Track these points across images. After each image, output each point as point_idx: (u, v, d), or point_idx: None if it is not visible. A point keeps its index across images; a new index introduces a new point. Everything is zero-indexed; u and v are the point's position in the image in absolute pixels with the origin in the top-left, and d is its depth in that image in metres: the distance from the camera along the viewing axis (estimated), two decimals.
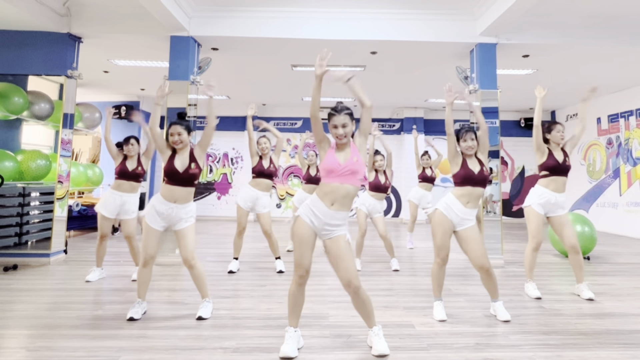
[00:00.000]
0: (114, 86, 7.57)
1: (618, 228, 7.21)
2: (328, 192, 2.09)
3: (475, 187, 2.68)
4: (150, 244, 2.60)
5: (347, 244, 2.13)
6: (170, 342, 2.25)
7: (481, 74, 4.68)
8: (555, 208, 3.22)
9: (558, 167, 3.21)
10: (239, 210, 3.98)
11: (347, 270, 2.07)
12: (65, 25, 4.53)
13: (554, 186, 3.22)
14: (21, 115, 4.67)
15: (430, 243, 5.86)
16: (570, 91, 7.37)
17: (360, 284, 2.10)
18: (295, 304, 2.16)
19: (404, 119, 9.26)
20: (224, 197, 9.32)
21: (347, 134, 2.14)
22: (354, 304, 2.16)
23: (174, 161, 2.64)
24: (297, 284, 2.12)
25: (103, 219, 3.52)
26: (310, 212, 2.11)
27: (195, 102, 4.67)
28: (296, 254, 2.11)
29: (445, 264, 2.71)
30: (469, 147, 2.73)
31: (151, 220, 2.62)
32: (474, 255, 2.62)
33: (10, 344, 2.21)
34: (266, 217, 4.01)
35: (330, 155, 2.13)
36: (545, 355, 2.15)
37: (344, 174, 2.08)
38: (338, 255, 2.09)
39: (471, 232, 2.65)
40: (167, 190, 2.64)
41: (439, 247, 2.68)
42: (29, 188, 4.47)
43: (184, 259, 2.64)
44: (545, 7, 4.34)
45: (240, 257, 4.33)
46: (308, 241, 2.10)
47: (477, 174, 2.69)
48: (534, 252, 3.25)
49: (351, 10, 4.69)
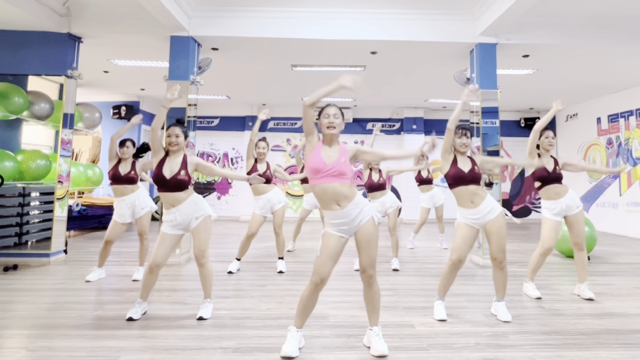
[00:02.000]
0: (114, 86, 7.56)
1: (618, 228, 7.20)
2: (318, 194, 2.11)
3: (468, 186, 2.68)
4: (160, 250, 2.58)
5: (375, 229, 2.14)
6: (170, 342, 2.25)
7: (481, 74, 4.68)
8: (570, 209, 3.20)
9: (548, 177, 3.19)
10: (254, 216, 3.96)
11: (369, 256, 2.11)
12: (65, 25, 4.53)
13: (554, 193, 3.21)
14: (21, 115, 4.67)
15: (431, 243, 5.87)
16: (570, 91, 7.37)
17: (375, 274, 2.14)
18: (306, 308, 2.14)
19: (404, 119, 9.26)
20: (224, 197, 9.32)
21: (338, 125, 2.16)
22: (365, 296, 2.18)
23: (163, 167, 2.62)
24: (312, 290, 2.10)
25: (116, 225, 3.51)
26: (334, 226, 2.11)
27: (195, 102, 4.67)
28: (318, 261, 2.10)
29: (457, 267, 2.68)
30: (463, 144, 2.72)
31: (165, 228, 2.63)
32: (493, 247, 2.67)
33: (10, 344, 2.21)
34: (280, 212, 4.03)
35: (316, 153, 2.13)
36: (545, 355, 2.15)
37: (330, 174, 2.08)
38: (365, 240, 2.12)
39: (496, 224, 2.66)
40: (163, 198, 2.65)
41: (454, 249, 2.68)
42: (29, 188, 4.47)
43: (194, 256, 2.67)
44: (545, 7, 4.33)
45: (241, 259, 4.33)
46: (335, 253, 2.11)
47: (467, 172, 2.69)
48: (541, 257, 3.23)
49: (351, 10, 4.69)
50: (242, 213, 9.03)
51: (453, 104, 8.56)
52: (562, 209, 3.18)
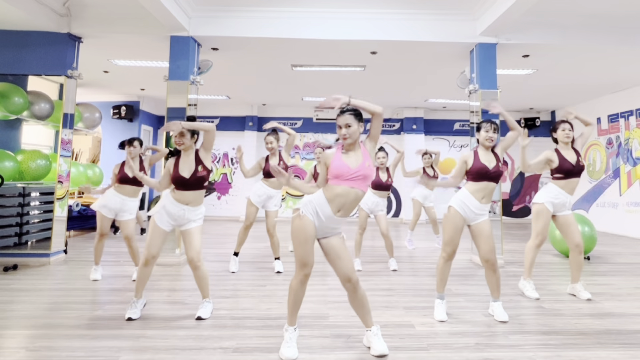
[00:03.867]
0: (114, 86, 7.57)
1: (618, 228, 7.20)
2: (339, 194, 2.05)
3: (490, 183, 2.68)
4: (154, 243, 2.59)
5: (342, 241, 2.16)
6: (170, 342, 2.25)
7: (481, 74, 4.68)
8: (563, 208, 3.21)
9: (573, 170, 3.18)
10: (249, 205, 3.95)
11: (346, 267, 2.10)
12: (65, 25, 4.53)
13: (569, 188, 3.21)
14: (21, 115, 4.67)
15: (431, 243, 5.87)
16: (570, 91, 7.36)
17: (358, 278, 2.13)
18: (296, 300, 2.14)
19: (404, 119, 9.25)
20: (224, 197, 9.31)
21: (351, 134, 2.09)
22: (352, 302, 2.16)
23: (179, 169, 2.64)
24: (301, 282, 2.11)
25: (103, 218, 3.52)
26: (315, 213, 2.09)
27: (195, 102, 4.67)
28: (300, 253, 2.08)
29: (450, 259, 2.71)
30: (490, 139, 2.70)
31: (160, 220, 2.62)
32: (483, 248, 2.66)
33: (10, 344, 2.21)
34: (273, 215, 4.01)
35: (337, 161, 2.08)
36: (545, 355, 2.15)
37: (355, 178, 2.05)
38: (336, 253, 2.11)
39: (484, 226, 2.68)
40: (179, 194, 2.64)
41: (447, 242, 2.69)
42: (29, 188, 4.47)
43: (189, 259, 2.63)
44: (545, 7, 4.33)
45: (240, 257, 4.33)
46: (312, 239, 2.09)
47: (492, 169, 2.67)
48: (537, 249, 3.24)
49: (351, 10, 4.69)
50: (242, 213, 9.01)
51: (453, 103, 8.55)
52: (561, 202, 3.19)
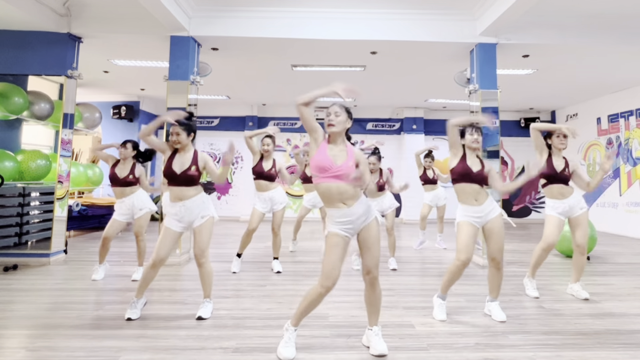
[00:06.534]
0: (114, 86, 7.57)
1: (618, 228, 7.20)
2: (324, 192, 2.07)
3: (472, 184, 2.67)
4: (164, 245, 2.59)
5: (378, 231, 2.14)
6: (170, 342, 2.25)
7: (481, 74, 4.68)
8: (573, 210, 3.19)
9: (555, 176, 3.18)
10: (254, 211, 3.93)
11: (370, 259, 2.11)
12: (65, 25, 4.53)
13: (557, 193, 3.19)
14: (21, 115, 4.67)
15: (430, 243, 5.86)
16: (570, 91, 7.36)
17: (378, 275, 2.14)
18: (309, 308, 2.11)
19: (404, 119, 9.25)
20: (224, 197, 9.31)
21: (337, 123, 2.10)
22: (367, 296, 2.17)
23: (172, 162, 2.65)
24: (321, 294, 2.05)
25: (114, 222, 3.55)
26: (339, 224, 2.07)
27: (195, 102, 4.67)
28: (328, 265, 2.04)
29: (464, 266, 2.63)
30: (475, 141, 2.70)
31: (169, 222, 2.63)
32: (492, 247, 2.65)
33: (10, 344, 2.21)
34: (280, 213, 4.01)
35: (322, 151, 2.09)
36: (545, 355, 2.15)
37: (337, 175, 2.05)
38: (367, 246, 2.11)
39: (494, 224, 2.64)
40: (171, 192, 2.66)
41: (459, 249, 2.65)
42: (29, 188, 4.47)
43: (194, 255, 2.66)
44: (545, 7, 4.33)
45: (242, 256, 4.32)
46: (343, 254, 2.08)
47: (475, 172, 2.67)
48: (543, 252, 3.22)
49: (351, 10, 4.69)
50: (242, 213, 9.02)
51: (453, 104, 8.55)
52: (565, 209, 3.18)
